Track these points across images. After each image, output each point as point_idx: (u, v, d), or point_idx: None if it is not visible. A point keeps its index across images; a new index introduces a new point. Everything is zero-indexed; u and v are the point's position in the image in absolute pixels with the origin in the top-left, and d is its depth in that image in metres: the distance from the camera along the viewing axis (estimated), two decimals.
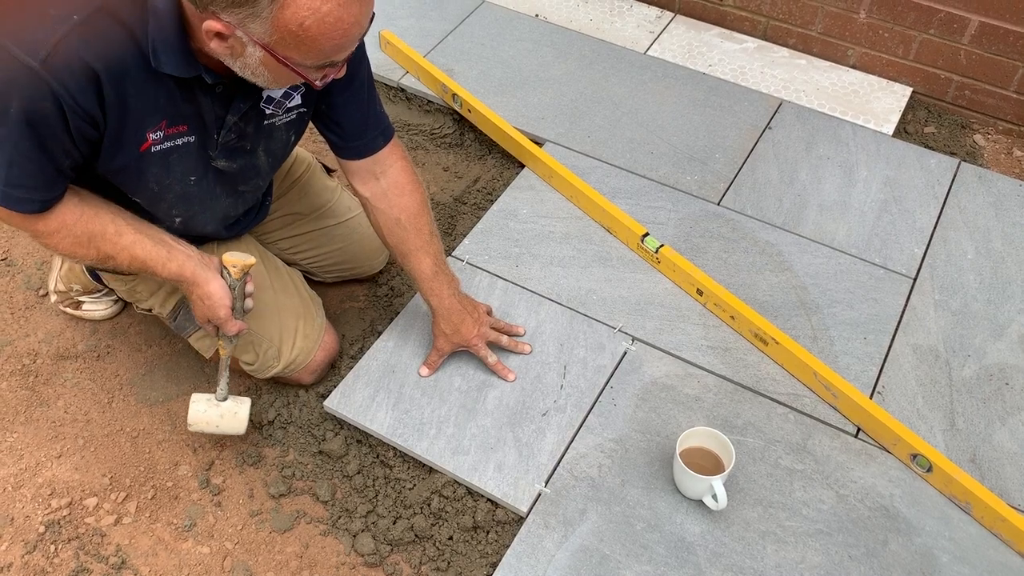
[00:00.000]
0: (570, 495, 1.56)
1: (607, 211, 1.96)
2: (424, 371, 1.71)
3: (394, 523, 1.56)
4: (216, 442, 1.69)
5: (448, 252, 1.91)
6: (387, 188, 1.57)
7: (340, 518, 1.58)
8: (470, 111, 2.23)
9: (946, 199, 2.07)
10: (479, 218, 2.03)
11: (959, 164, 2.15)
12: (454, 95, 2.25)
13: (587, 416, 1.66)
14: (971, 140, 2.31)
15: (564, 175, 2.03)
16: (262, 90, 1.32)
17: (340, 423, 1.69)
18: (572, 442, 1.63)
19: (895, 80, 2.38)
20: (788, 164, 2.14)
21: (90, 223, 1.33)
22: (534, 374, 1.72)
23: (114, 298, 1.88)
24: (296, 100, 1.40)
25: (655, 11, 2.59)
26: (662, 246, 1.88)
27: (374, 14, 1.16)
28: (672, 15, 2.57)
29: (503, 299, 1.85)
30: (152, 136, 1.28)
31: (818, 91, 2.34)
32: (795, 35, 2.44)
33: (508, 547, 1.50)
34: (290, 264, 1.80)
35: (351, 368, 1.74)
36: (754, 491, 1.57)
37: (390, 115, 1.59)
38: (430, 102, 2.35)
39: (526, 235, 1.98)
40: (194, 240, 1.48)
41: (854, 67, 2.41)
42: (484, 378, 1.71)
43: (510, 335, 1.75)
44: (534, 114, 2.26)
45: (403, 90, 2.37)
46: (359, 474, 1.63)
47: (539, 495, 1.56)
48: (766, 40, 2.49)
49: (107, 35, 1.15)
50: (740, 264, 1.92)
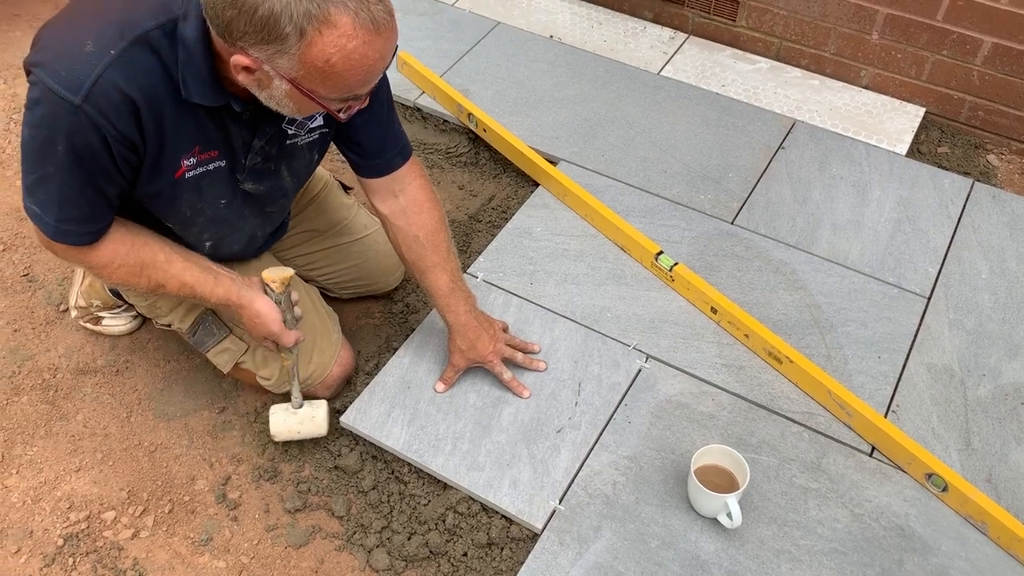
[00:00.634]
0: (584, 512, 1.56)
1: (621, 229, 1.97)
2: (439, 387, 1.72)
3: (409, 539, 1.57)
4: (233, 457, 1.71)
5: (463, 269, 1.92)
6: (406, 206, 1.59)
7: (355, 533, 1.59)
8: (485, 130, 2.25)
9: (960, 219, 2.07)
10: (494, 236, 2.05)
11: (973, 184, 2.15)
12: (470, 115, 2.27)
13: (601, 433, 1.67)
14: (985, 160, 2.32)
15: (578, 193, 2.05)
16: None
17: (356, 438, 1.70)
18: (587, 459, 1.63)
19: (908, 100, 2.39)
20: (801, 183, 2.15)
21: (141, 252, 1.38)
22: (549, 391, 1.73)
23: (133, 314, 1.90)
24: (318, 121, 1.43)
25: (668, 32, 2.61)
26: (676, 264, 1.89)
27: (397, 46, 1.19)
28: (685, 36, 2.60)
29: (518, 316, 1.86)
30: (186, 162, 1.32)
31: (831, 111, 2.35)
32: (808, 56, 2.46)
33: (522, 564, 1.50)
34: (307, 280, 1.82)
35: (367, 384, 1.75)
36: (769, 509, 1.57)
37: (407, 134, 1.62)
38: (446, 121, 2.37)
39: (541, 253, 1.99)
40: (220, 261, 1.51)
41: (867, 87, 2.42)
42: (499, 394, 1.72)
43: (525, 352, 1.76)
44: (548, 133, 2.28)
45: (419, 110, 2.40)
46: (374, 490, 1.64)
47: (554, 512, 1.56)
48: (779, 61, 2.51)
49: (143, 66, 1.18)
50: (754, 283, 1.93)
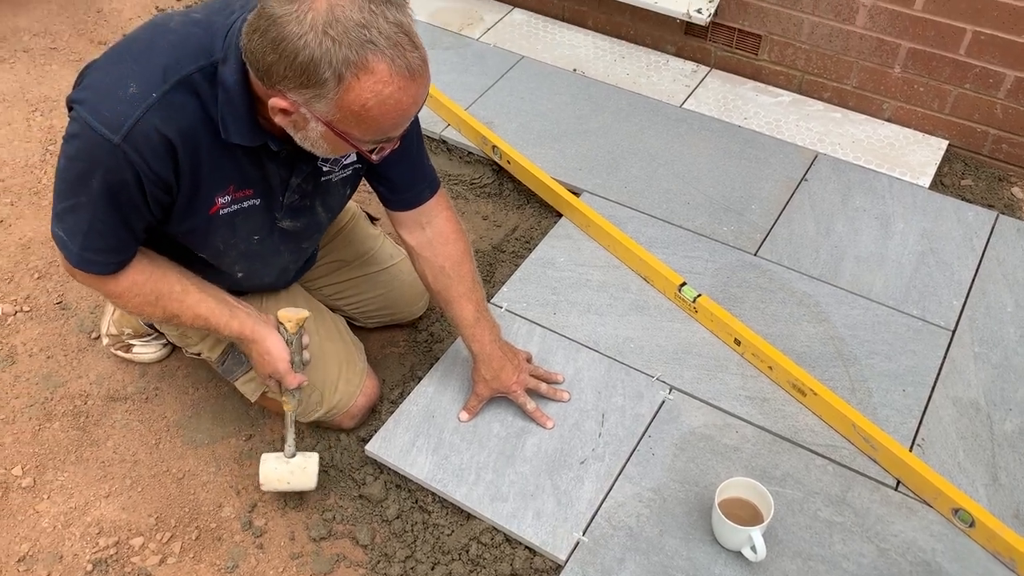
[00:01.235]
0: (608, 544, 1.56)
1: (644, 260, 1.99)
2: (463, 416, 1.74)
3: (432, 569, 1.58)
4: (259, 484, 1.72)
5: (487, 299, 1.94)
6: (432, 237, 1.61)
7: (379, 562, 1.60)
8: (509, 162, 2.28)
9: (984, 251, 2.07)
10: (517, 266, 2.07)
11: (997, 216, 2.15)
12: (494, 147, 2.30)
13: (625, 465, 1.67)
14: (1009, 192, 2.31)
15: (601, 224, 2.07)
16: None
17: (380, 467, 1.72)
18: (610, 491, 1.63)
19: (931, 133, 2.40)
20: (824, 216, 2.16)
21: (158, 283, 1.41)
22: (572, 421, 1.74)
23: (163, 342, 1.93)
24: (352, 157, 1.47)
25: (691, 65, 2.64)
26: (700, 295, 1.90)
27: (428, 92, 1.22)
28: (708, 69, 2.62)
29: (541, 346, 1.87)
30: (220, 200, 1.35)
31: (853, 144, 2.36)
32: (830, 89, 2.47)
33: None
34: (333, 310, 1.85)
35: (391, 413, 1.77)
36: (793, 543, 1.56)
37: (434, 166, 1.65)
38: (470, 153, 2.41)
39: (564, 283, 2.01)
40: (251, 291, 1.54)
41: (889, 120, 2.43)
42: (523, 425, 1.73)
43: (549, 382, 1.77)
44: (572, 165, 2.30)
45: (445, 142, 2.43)
46: (398, 519, 1.65)
47: (577, 543, 1.56)
48: (801, 94, 2.52)
49: (183, 108, 1.22)
50: (777, 314, 1.93)
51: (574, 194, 2.19)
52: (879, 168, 2.29)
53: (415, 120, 1.51)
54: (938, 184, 2.31)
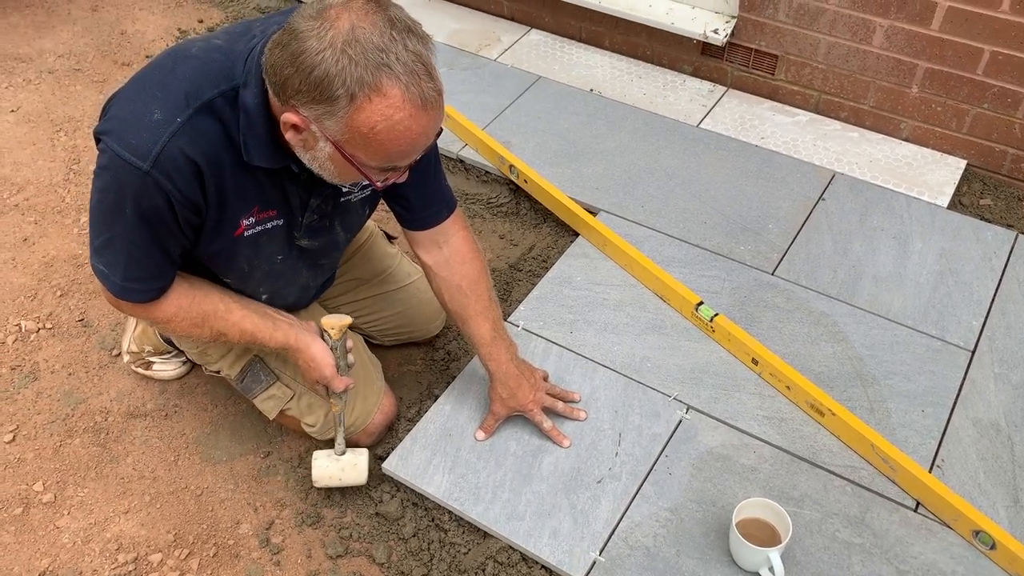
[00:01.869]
0: (625, 564, 1.56)
1: (661, 279, 1.99)
2: (480, 435, 1.74)
3: None
4: (277, 501, 1.73)
5: (504, 317, 1.95)
6: (449, 256, 1.62)
7: None
8: (526, 181, 2.30)
9: (1004, 271, 2.05)
10: (534, 285, 2.08)
11: (1016, 236, 2.14)
12: (511, 166, 2.32)
13: (642, 484, 1.67)
14: None
15: (618, 243, 2.08)
16: None
17: (397, 485, 1.72)
18: (627, 511, 1.63)
19: (949, 153, 2.39)
20: (842, 235, 2.15)
21: (202, 304, 1.44)
22: (589, 440, 1.74)
23: (182, 359, 1.95)
24: None
25: (708, 85, 2.65)
26: (717, 315, 1.89)
27: (441, 129, 1.23)
28: (724, 89, 2.63)
29: (558, 364, 1.87)
30: (245, 222, 1.38)
31: (871, 163, 2.36)
32: (847, 108, 2.48)
33: None
34: (351, 328, 1.86)
35: (408, 431, 1.77)
36: (811, 564, 1.55)
37: (451, 186, 1.66)
38: (487, 173, 2.42)
39: (580, 302, 2.02)
40: None
41: (907, 140, 2.43)
42: (539, 443, 1.73)
43: (566, 401, 1.78)
44: (589, 184, 2.31)
45: (462, 161, 2.45)
46: (415, 537, 1.65)
47: (594, 563, 1.56)
48: (818, 113, 2.53)
49: (207, 132, 1.25)
50: (795, 334, 1.92)
51: (591, 213, 2.20)
52: (897, 188, 2.29)
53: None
54: (957, 204, 2.30)
